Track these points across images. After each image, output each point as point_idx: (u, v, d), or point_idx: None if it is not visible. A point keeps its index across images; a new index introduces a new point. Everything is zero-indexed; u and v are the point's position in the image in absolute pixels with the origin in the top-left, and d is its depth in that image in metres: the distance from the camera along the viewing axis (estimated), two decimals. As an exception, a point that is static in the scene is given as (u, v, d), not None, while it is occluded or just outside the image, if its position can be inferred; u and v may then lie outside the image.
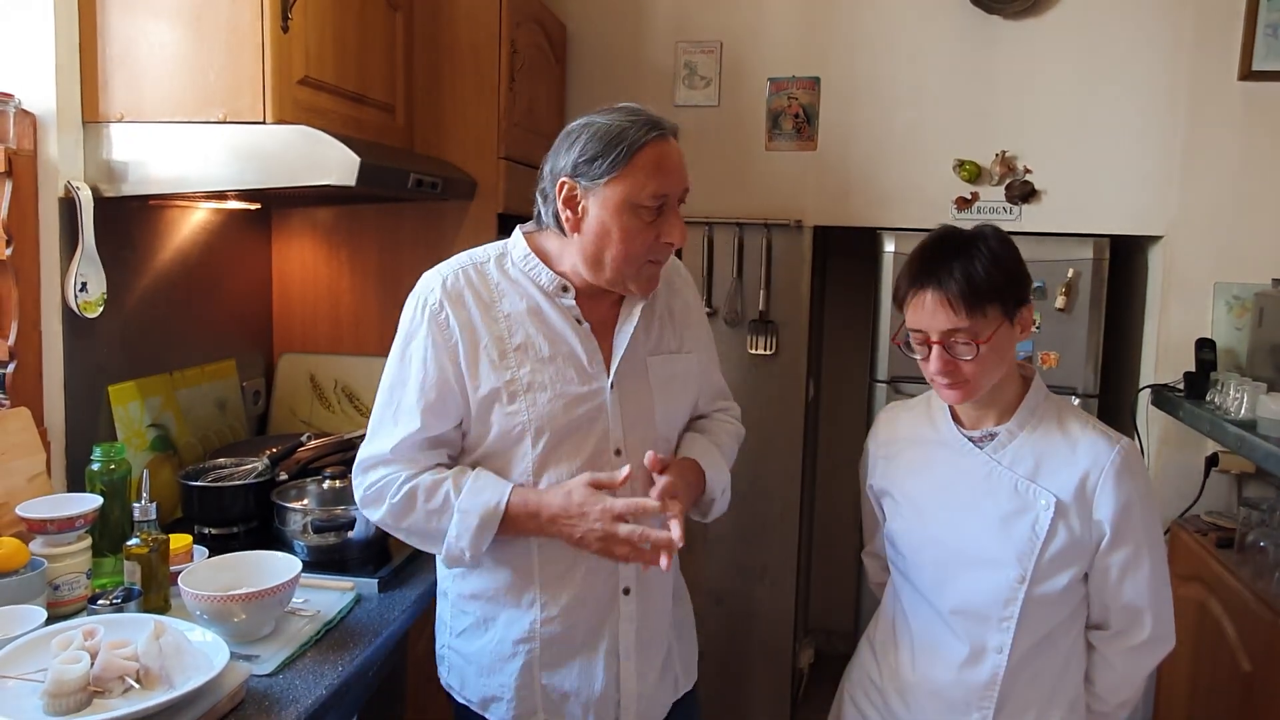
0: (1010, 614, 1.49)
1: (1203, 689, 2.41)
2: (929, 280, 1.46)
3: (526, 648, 1.53)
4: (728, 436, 1.70)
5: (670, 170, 1.44)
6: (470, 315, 1.49)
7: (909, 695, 1.60)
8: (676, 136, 1.49)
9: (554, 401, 1.48)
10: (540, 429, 1.48)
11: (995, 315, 1.45)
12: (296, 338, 2.58)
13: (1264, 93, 2.68)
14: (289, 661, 1.44)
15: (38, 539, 1.54)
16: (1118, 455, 1.48)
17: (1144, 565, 1.48)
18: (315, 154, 1.74)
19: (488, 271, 1.53)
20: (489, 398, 1.48)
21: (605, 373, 1.52)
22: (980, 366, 1.45)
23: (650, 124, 1.44)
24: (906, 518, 1.61)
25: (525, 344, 1.49)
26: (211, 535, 1.91)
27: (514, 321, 1.50)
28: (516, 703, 1.55)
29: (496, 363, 1.48)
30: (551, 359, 1.49)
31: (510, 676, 1.54)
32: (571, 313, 1.51)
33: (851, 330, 3.59)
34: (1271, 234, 2.70)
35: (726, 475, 1.63)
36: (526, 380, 1.48)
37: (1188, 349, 2.67)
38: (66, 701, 1.18)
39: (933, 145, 2.88)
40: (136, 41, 1.78)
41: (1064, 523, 1.47)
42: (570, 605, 1.52)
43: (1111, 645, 1.54)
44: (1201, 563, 2.44)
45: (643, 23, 3.02)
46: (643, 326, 1.56)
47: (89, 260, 1.80)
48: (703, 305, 1.74)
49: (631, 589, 1.54)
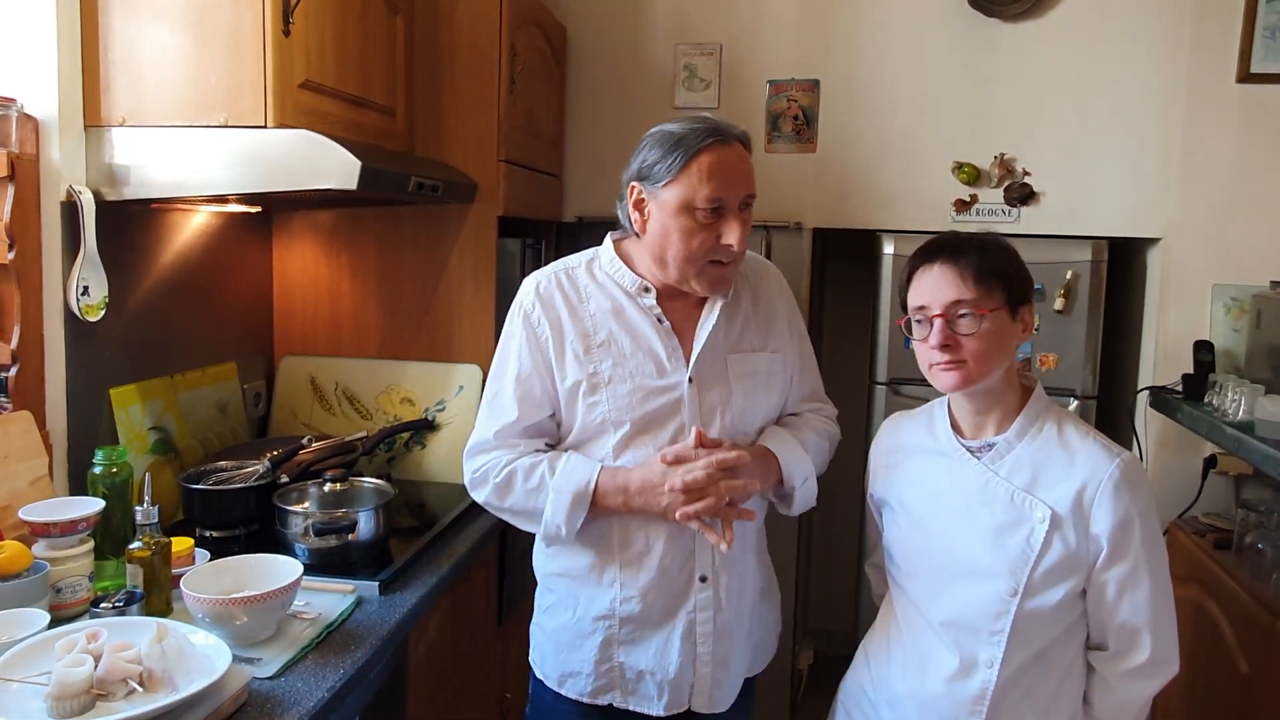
0: (1001, 627, 1.46)
1: (1201, 691, 2.41)
2: (940, 254, 1.49)
3: (606, 624, 1.65)
4: (812, 431, 1.74)
5: (726, 175, 1.53)
6: (560, 315, 1.65)
7: (899, 706, 1.58)
8: (746, 143, 1.59)
9: (633, 394, 1.61)
10: (619, 419, 1.61)
11: (1000, 297, 1.45)
12: (297, 340, 2.59)
13: (1262, 95, 2.69)
14: (290, 664, 1.44)
15: (40, 542, 1.54)
16: (1117, 469, 1.44)
17: (1143, 583, 1.43)
18: (316, 157, 1.74)
19: (577, 275, 1.69)
20: (574, 389, 1.63)
21: (684, 368, 1.62)
22: (981, 345, 1.44)
23: (710, 131, 1.54)
24: (903, 527, 1.60)
25: (608, 340, 1.63)
26: (213, 538, 1.92)
27: (599, 320, 1.64)
28: (594, 678, 1.67)
29: (582, 357, 1.63)
30: (632, 355, 1.62)
31: (590, 652, 1.66)
32: (652, 312, 1.64)
33: (851, 332, 3.60)
34: (1269, 236, 2.72)
35: (808, 466, 1.67)
36: (608, 374, 1.62)
37: (1186, 351, 2.68)
38: (70, 704, 1.18)
39: (932, 147, 2.89)
40: (138, 45, 1.79)
41: (1059, 536, 1.44)
42: (647, 587, 1.62)
43: (1110, 667, 1.49)
44: (1199, 564, 2.44)
45: (643, 25, 3.03)
46: (724, 325, 1.66)
47: (91, 264, 1.80)
48: (795, 308, 1.79)
49: (709, 577, 1.62)
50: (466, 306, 2.49)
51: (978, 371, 1.46)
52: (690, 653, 1.64)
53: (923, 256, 1.51)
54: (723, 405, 1.64)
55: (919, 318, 1.50)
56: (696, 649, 1.64)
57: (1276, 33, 2.65)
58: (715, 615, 1.63)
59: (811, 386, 1.81)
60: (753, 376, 1.67)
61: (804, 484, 1.67)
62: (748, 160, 1.59)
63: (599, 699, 1.69)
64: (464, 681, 2.11)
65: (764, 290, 1.75)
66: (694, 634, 1.63)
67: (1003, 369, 1.49)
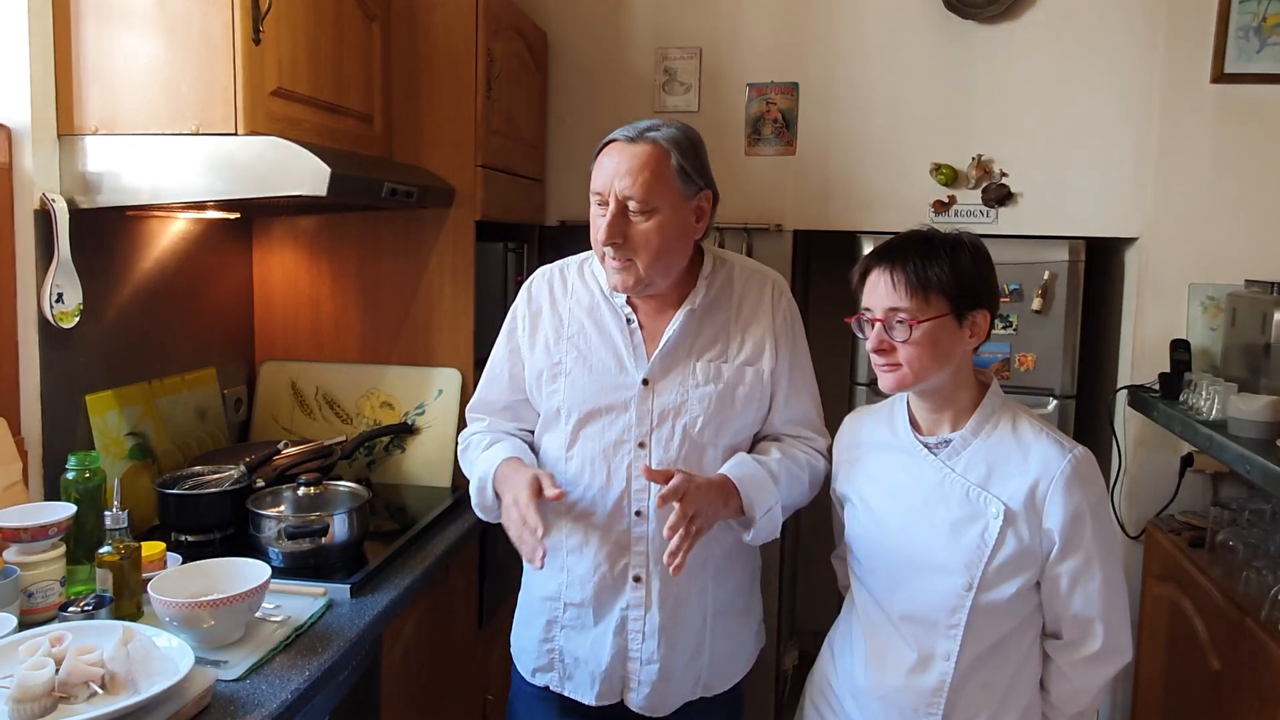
0: (957, 621, 1.49)
1: (1176, 688, 2.43)
2: (883, 261, 1.51)
3: (551, 606, 1.73)
4: (790, 461, 1.68)
5: (605, 172, 1.60)
6: (541, 306, 1.76)
7: (862, 699, 1.61)
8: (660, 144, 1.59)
9: (587, 387, 1.67)
10: (571, 409, 1.68)
11: (939, 306, 1.47)
12: (278, 345, 2.60)
13: (1236, 95, 2.70)
14: (257, 666, 1.46)
15: (11, 547, 1.55)
16: (1069, 464, 1.46)
17: (1095, 576, 1.47)
18: (286, 164, 1.76)
19: (569, 272, 1.78)
20: (538, 376, 1.73)
21: (643, 369, 1.66)
22: (915, 351, 1.47)
23: (620, 131, 1.62)
24: (863, 523, 1.62)
25: (578, 333, 1.71)
26: (188, 542, 1.93)
27: (574, 313, 1.73)
28: (537, 656, 1.76)
29: (551, 347, 1.72)
30: (596, 349, 1.69)
31: (537, 630, 1.75)
32: (622, 311, 1.69)
33: (832, 333, 3.60)
34: (1245, 235, 2.73)
35: (772, 496, 1.61)
36: (570, 365, 1.70)
37: (1164, 350, 2.70)
38: (31, 707, 1.19)
39: (910, 149, 2.91)
40: (110, 54, 1.80)
41: (1013, 531, 1.46)
42: (584, 577, 1.68)
43: (1064, 655, 1.53)
44: (1174, 563, 2.46)
45: (623, 30, 3.04)
46: (692, 331, 1.68)
47: (64, 271, 1.82)
48: (792, 326, 1.76)
49: (642, 578, 1.66)
50: (446, 311, 2.50)
51: (914, 376, 1.49)
52: (621, 648, 1.67)
53: (871, 259, 1.54)
54: (675, 411, 1.64)
55: (865, 319, 1.53)
56: (628, 646, 1.67)
57: (1250, 33, 2.67)
58: (646, 614, 1.66)
59: (801, 412, 1.76)
60: (717, 386, 1.66)
61: (766, 514, 1.61)
62: (640, 160, 1.57)
63: (537, 679, 1.76)
64: (443, 683, 2.13)
65: (753, 301, 1.73)
66: (625, 630, 1.67)
67: (947, 371, 1.51)
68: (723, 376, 1.67)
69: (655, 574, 1.65)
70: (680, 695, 1.71)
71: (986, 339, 1.54)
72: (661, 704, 1.70)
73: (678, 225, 1.60)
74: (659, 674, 1.67)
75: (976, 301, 1.49)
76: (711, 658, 1.73)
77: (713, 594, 1.71)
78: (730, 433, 1.68)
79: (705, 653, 1.71)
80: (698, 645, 1.70)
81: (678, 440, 1.63)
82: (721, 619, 1.73)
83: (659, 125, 1.61)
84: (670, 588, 1.66)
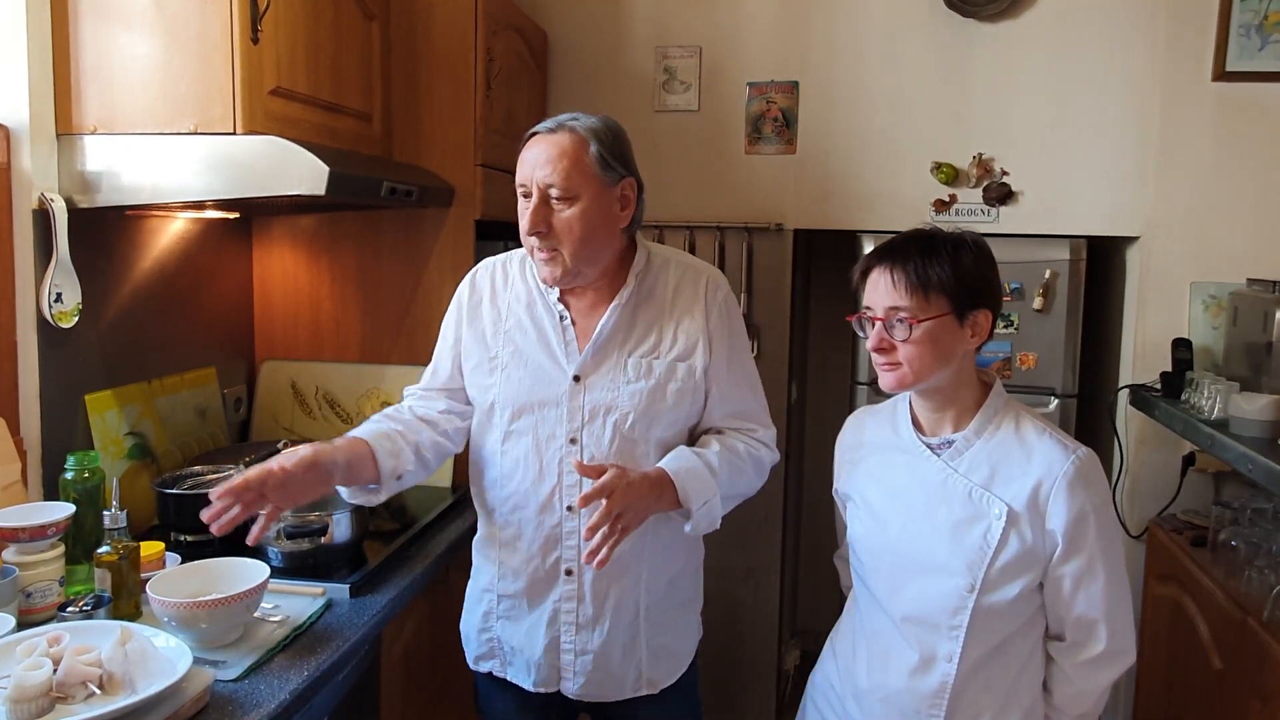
0: (959, 623, 1.47)
1: (1177, 687, 2.42)
2: (884, 260, 1.50)
3: (489, 596, 1.77)
4: (729, 452, 1.68)
5: (526, 164, 1.62)
6: (481, 299, 1.76)
7: (864, 701, 1.60)
8: (578, 134, 1.60)
9: (521, 382, 1.68)
10: (505, 403, 1.69)
11: (940, 306, 1.46)
12: (278, 345, 2.60)
13: (1237, 93, 2.70)
14: (255, 666, 1.45)
15: (10, 547, 1.55)
16: (1072, 465, 1.45)
17: (1098, 577, 1.45)
18: (285, 164, 1.75)
19: (510, 266, 1.78)
20: (476, 368, 1.74)
21: (574, 364, 1.66)
22: (915, 350, 1.46)
23: (541, 125, 1.65)
24: (865, 523, 1.62)
25: (514, 328, 1.72)
26: (187, 542, 1.93)
27: (511, 308, 1.73)
28: (477, 644, 1.80)
29: (488, 341, 1.73)
30: (530, 345, 1.70)
31: (476, 618, 1.79)
32: (555, 308, 1.69)
33: (833, 332, 3.61)
34: (1246, 233, 2.72)
35: (710, 487, 1.62)
36: (505, 360, 1.70)
37: (1165, 349, 2.69)
38: (29, 707, 1.19)
39: (910, 148, 2.90)
40: (109, 54, 1.80)
41: (1016, 532, 1.45)
42: (518, 569, 1.71)
43: (1067, 657, 1.52)
44: (1176, 562, 2.45)
45: (623, 29, 3.04)
46: (624, 327, 1.68)
47: (63, 271, 1.82)
48: (729, 320, 1.73)
49: (574, 571, 1.68)
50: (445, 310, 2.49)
51: (914, 375, 1.48)
52: (554, 639, 1.70)
53: (872, 258, 1.53)
54: (607, 407, 1.64)
55: (866, 317, 1.53)
56: (560, 637, 1.70)
57: (1251, 31, 2.66)
58: (579, 607, 1.68)
59: (740, 405, 1.74)
60: (648, 382, 1.65)
61: (704, 506, 1.61)
62: (560, 148, 1.59)
63: (480, 665, 1.79)
64: (443, 683, 2.12)
65: (688, 296, 1.71)
66: (558, 622, 1.69)
67: (948, 371, 1.50)
68: (654, 372, 1.66)
69: (587, 568, 1.64)
70: (620, 686, 1.72)
71: (989, 339, 1.53)
72: (599, 693, 1.71)
73: (601, 213, 1.61)
74: (593, 664, 1.69)
75: (978, 301, 1.48)
76: (650, 649, 1.72)
77: (648, 585, 1.70)
78: (662, 427, 1.67)
79: (641, 644, 1.71)
80: (632, 637, 1.70)
81: (609, 436, 1.64)
82: (658, 610, 1.73)
83: (578, 116, 1.63)
84: (602, 580, 1.66)
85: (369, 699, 1.74)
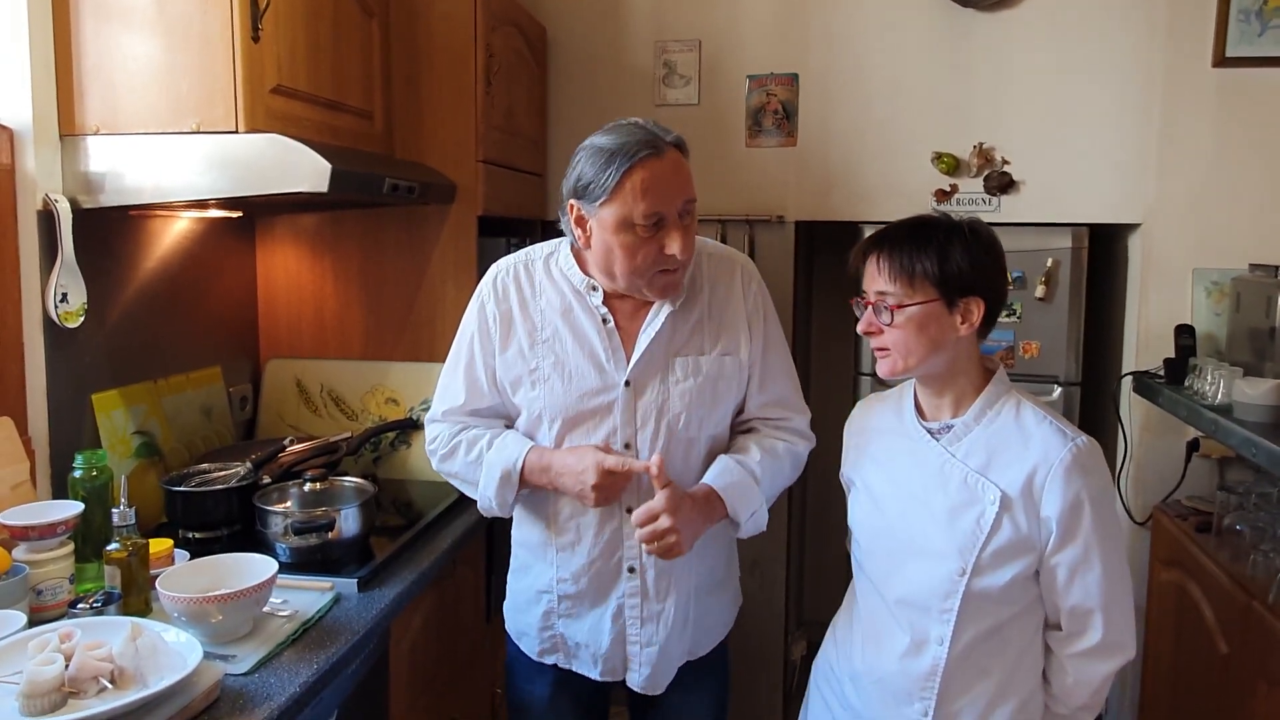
0: (950, 606, 1.48)
1: (1184, 672, 2.42)
2: (876, 245, 1.53)
3: (547, 598, 1.74)
4: (768, 455, 1.69)
5: (661, 188, 1.52)
6: (511, 308, 1.70)
7: (860, 683, 1.61)
8: (682, 148, 1.58)
9: (568, 393, 1.65)
10: (554, 415, 1.65)
11: (926, 292, 1.47)
12: (283, 343, 2.61)
13: (1237, 79, 2.69)
14: (265, 660, 1.46)
15: (20, 546, 1.56)
16: (1069, 453, 1.45)
17: (1094, 567, 1.44)
18: (287, 162, 1.76)
19: (535, 269, 1.72)
20: (515, 382, 1.69)
21: (623, 370, 1.64)
22: (899, 335, 1.48)
23: (642, 143, 1.52)
24: (864, 507, 1.63)
25: (553, 337, 1.67)
26: (195, 539, 1.94)
27: (547, 316, 1.68)
28: (539, 640, 1.78)
29: (526, 353, 1.68)
30: (574, 353, 1.65)
31: (535, 618, 1.77)
32: (598, 312, 1.66)
33: (836, 324, 3.61)
34: (1248, 219, 2.72)
35: (757, 498, 1.65)
36: (547, 371, 1.66)
37: (1168, 335, 2.68)
38: (41, 702, 1.20)
39: (911, 139, 2.90)
40: (110, 54, 1.81)
41: (1009, 518, 1.45)
42: (579, 572, 1.70)
43: (1063, 648, 1.51)
44: (1181, 548, 2.45)
45: (622, 23, 3.04)
46: (670, 328, 1.66)
47: (68, 271, 1.83)
48: (764, 307, 1.74)
49: (636, 569, 1.68)
50: (449, 306, 2.50)
51: (903, 360, 1.50)
52: (620, 633, 1.71)
53: (867, 243, 1.56)
54: (658, 410, 1.64)
55: (859, 302, 1.56)
56: (626, 631, 1.71)
57: (1252, 16, 2.65)
58: (643, 603, 1.70)
59: (778, 394, 1.75)
60: (697, 380, 1.66)
61: (751, 517, 1.66)
62: (683, 166, 1.58)
63: (545, 659, 1.79)
64: (451, 677, 2.14)
65: (724, 287, 1.72)
66: (623, 617, 1.71)
67: (942, 357, 1.51)
68: (702, 370, 1.67)
69: (649, 564, 1.67)
70: (670, 670, 1.75)
71: (988, 326, 1.52)
72: (660, 682, 1.74)
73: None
74: (658, 654, 1.71)
75: (969, 288, 1.48)
76: (696, 628, 1.76)
77: (696, 572, 1.73)
78: (713, 423, 1.69)
79: (690, 626, 1.75)
80: (684, 620, 1.73)
81: (663, 438, 1.64)
82: (703, 593, 1.76)
83: (660, 128, 1.59)
84: (664, 573, 1.69)
85: (378, 692, 1.75)
